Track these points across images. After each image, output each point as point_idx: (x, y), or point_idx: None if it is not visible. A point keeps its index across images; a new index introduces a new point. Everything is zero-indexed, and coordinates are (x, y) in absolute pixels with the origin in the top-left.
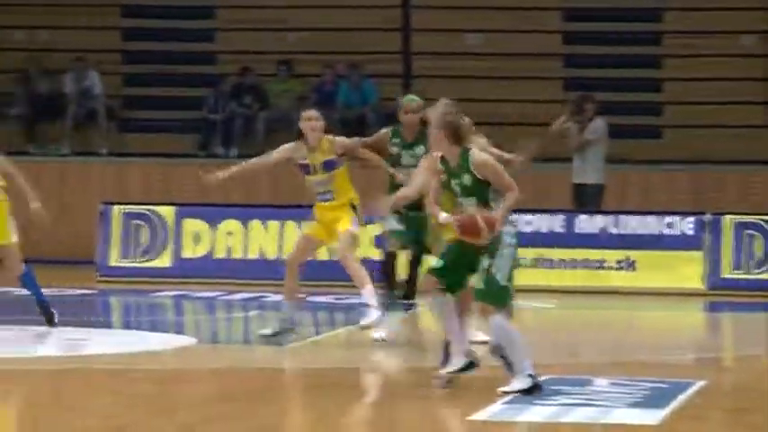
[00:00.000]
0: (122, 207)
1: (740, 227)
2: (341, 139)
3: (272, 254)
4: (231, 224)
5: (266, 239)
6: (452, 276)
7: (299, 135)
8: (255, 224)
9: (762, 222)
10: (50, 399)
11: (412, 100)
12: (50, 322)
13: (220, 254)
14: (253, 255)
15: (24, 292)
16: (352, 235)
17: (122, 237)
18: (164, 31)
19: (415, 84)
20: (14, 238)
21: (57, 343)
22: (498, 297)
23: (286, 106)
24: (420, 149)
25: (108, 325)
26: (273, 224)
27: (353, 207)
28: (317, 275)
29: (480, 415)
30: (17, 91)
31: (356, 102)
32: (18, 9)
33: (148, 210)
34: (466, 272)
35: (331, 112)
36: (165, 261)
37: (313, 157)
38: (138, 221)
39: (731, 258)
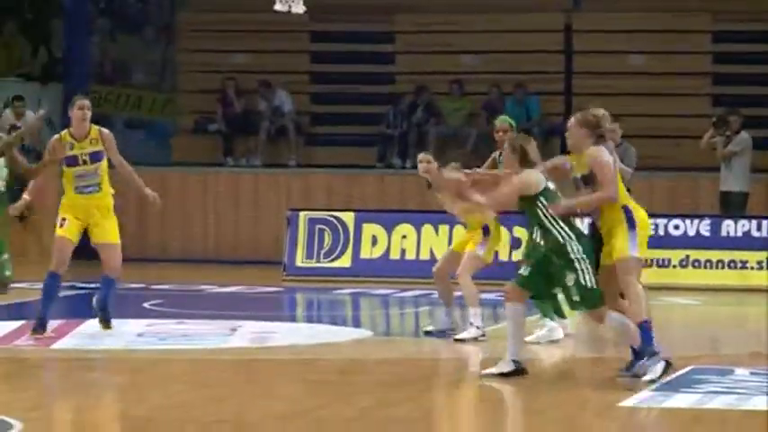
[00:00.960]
0: (308, 213)
1: None
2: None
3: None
4: (405, 228)
5: (437, 242)
6: (536, 287)
7: None
8: (428, 228)
9: None
10: (243, 386)
11: (504, 120)
12: (105, 323)
13: (395, 255)
14: (424, 256)
15: (214, 288)
16: (476, 257)
17: (307, 240)
18: (348, 54)
19: (576, 101)
20: (117, 239)
21: (247, 335)
22: (592, 300)
23: (457, 122)
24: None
25: (293, 319)
26: (444, 228)
27: (486, 230)
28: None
29: (629, 401)
30: (216, 109)
31: (521, 117)
32: (218, 35)
33: (331, 215)
34: (550, 282)
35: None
36: (345, 261)
37: None
38: (322, 226)
39: None
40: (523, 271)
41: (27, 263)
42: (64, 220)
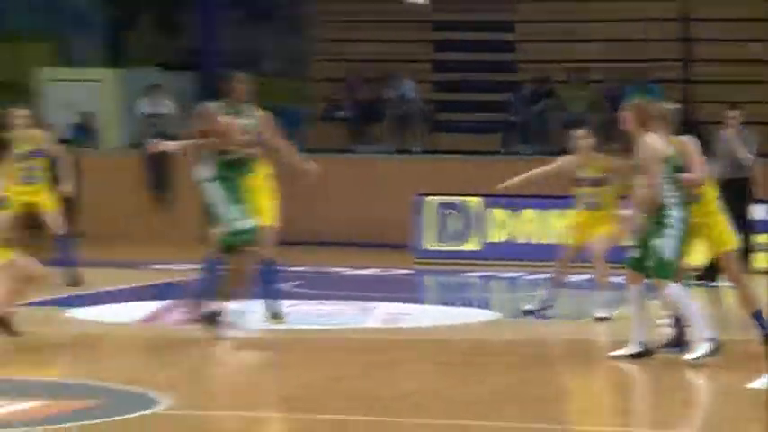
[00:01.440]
0: (436, 198)
1: None
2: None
3: (566, 239)
4: (530, 213)
5: (562, 226)
6: (645, 264)
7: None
8: (553, 213)
9: None
10: (377, 365)
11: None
12: (276, 316)
13: (521, 239)
14: (549, 239)
15: (348, 271)
16: (612, 238)
17: (436, 224)
18: (470, 43)
19: (693, 88)
20: (274, 222)
21: (380, 316)
22: (664, 270)
23: (578, 110)
24: None
25: (424, 301)
26: (570, 213)
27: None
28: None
29: (758, 383)
30: (344, 97)
31: None
32: (345, 25)
33: (459, 200)
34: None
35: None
36: (473, 245)
37: (583, 172)
38: (450, 210)
39: None
40: (633, 253)
41: (164, 244)
42: None
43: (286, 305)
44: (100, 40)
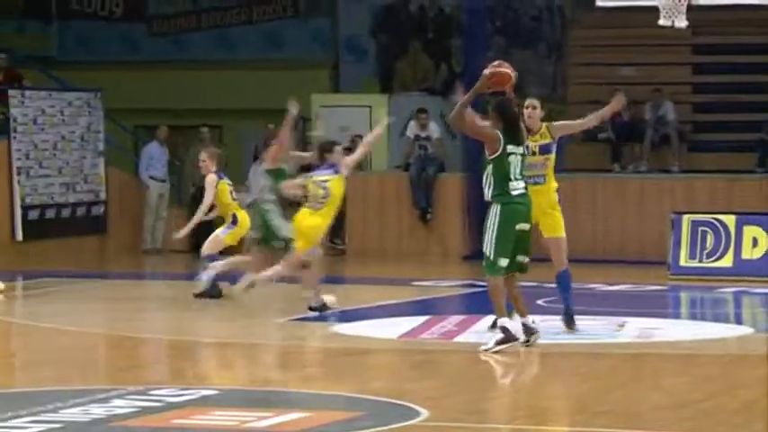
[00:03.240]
0: (691, 216)
1: None
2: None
3: None
4: None
5: None
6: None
7: None
8: None
9: None
10: (630, 378)
11: None
12: (569, 325)
13: None
14: None
15: (602, 287)
16: None
17: (690, 241)
18: (728, 65)
19: None
20: (563, 233)
21: (634, 331)
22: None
23: None
24: None
25: (678, 316)
26: None
27: None
28: None
29: None
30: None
31: None
32: (606, 49)
33: (713, 218)
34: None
35: None
36: (727, 262)
37: None
38: (705, 228)
39: None
40: None
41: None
42: None
43: (537, 320)
44: (372, 67)
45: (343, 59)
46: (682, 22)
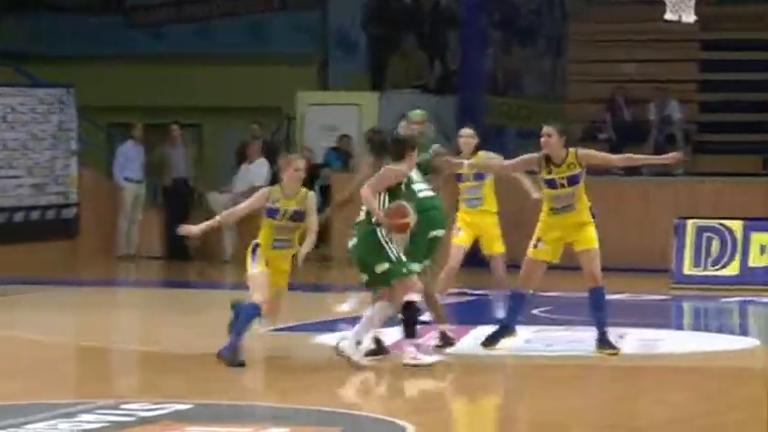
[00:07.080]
0: (695, 221)
1: None
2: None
3: None
4: None
5: None
6: None
7: None
8: None
9: None
10: (631, 392)
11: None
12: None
13: None
14: None
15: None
16: None
17: (695, 247)
18: (736, 62)
19: None
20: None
21: (634, 342)
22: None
23: None
24: None
25: (680, 327)
26: None
27: None
28: None
29: None
30: (605, 118)
31: None
32: (607, 45)
33: (719, 223)
34: None
35: None
36: (733, 270)
37: None
38: (710, 234)
39: None
40: None
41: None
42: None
43: (531, 331)
44: (362, 63)
45: (332, 54)
46: (689, 17)
